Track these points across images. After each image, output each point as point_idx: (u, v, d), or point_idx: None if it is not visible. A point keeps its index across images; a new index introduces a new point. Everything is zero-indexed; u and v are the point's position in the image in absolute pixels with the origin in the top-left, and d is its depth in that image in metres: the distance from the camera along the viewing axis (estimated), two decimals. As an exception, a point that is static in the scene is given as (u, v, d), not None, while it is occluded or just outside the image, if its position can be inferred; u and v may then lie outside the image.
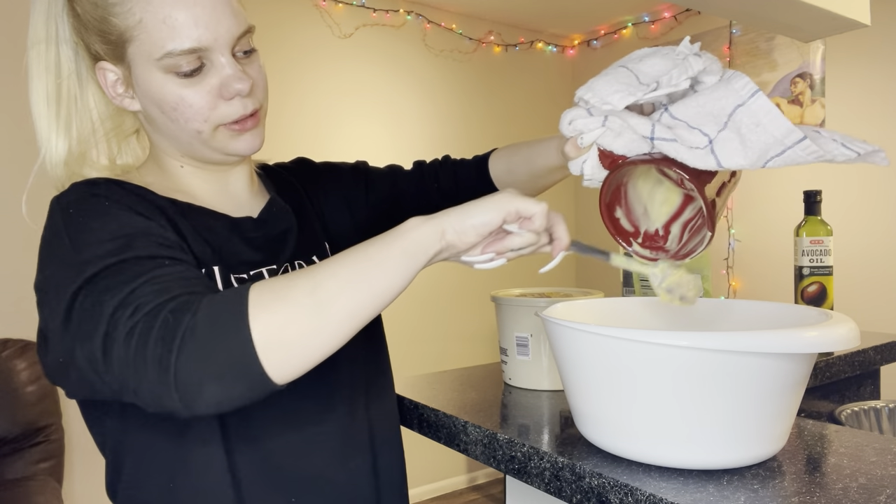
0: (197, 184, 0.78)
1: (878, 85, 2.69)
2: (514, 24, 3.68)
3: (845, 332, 0.61)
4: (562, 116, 0.75)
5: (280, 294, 0.54)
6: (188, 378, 0.52)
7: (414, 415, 1.00)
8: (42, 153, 0.72)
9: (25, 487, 1.88)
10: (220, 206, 0.78)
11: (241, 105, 0.71)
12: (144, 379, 0.53)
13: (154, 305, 0.55)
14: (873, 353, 1.34)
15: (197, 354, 0.52)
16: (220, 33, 0.68)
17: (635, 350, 0.64)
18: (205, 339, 0.53)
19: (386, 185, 0.96)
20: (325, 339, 0.55)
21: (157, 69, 0.68)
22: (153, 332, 0.53)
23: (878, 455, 0.70)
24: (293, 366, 0.54)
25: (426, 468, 3.36)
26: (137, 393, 0.55)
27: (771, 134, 0.65)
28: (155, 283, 0.57)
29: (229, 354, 0.52)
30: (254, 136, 0.74)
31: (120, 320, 0.55)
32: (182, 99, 0.69)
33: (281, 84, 2.93)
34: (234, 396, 0.54)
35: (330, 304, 0.55)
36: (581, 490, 0.70)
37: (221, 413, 0.57)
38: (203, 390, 0.53)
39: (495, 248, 0.64)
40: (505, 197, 0.61)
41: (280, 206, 0.83)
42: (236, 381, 0.53)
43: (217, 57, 0.69)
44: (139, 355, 0.53)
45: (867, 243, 2.74)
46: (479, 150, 3.93)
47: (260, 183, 0.86)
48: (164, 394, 0.53)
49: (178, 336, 0.53)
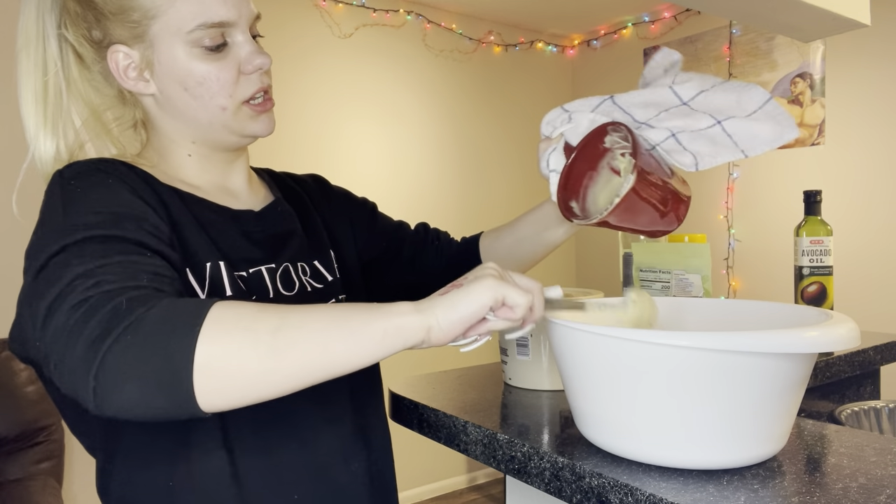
0: (199, 175, 0.78)
1: (878, 85, 2.69)
2: (514, 24, 3.68)
3: (845, 332, 0.61)
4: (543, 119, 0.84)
5: (242, 321, 0.52)
6: (112, 370, 0.49)
7: (414, 415, 1.00)
8: (31, 151, 0.72)
9: (25, 487, 1.88)
10: (218, 197, 0.78)
11: (260, 80, 0.75)
12: (70, 354, 0.50)
13: (116, 287, 0.53)
14: (873, 353, 1.34)
15: (132, 350, 0.49)
16: (242, 10, 0.73)
17: (635, 350, 0.64)
18: (147, 337, 0.50)
19: (390, 225, 0.99)
20: (267, 384, 0.52)
21: (183, 44, 0.70)
22: (101, 312, 0.51)
23: (878, 455, 0.70)
24: (224, 398, 0.51)
25: (426, 468, 3.35)
26: (58, 368, 0.52)
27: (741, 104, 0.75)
28: (128, 266, 0.56)
29: (164, 362, 0.49)
30: (269, 118, 0.78)
31: (77, 288, 0.53)
32: (209, 73, 0.72)
33: (281, 84, 2.93)
34: (151, 406, 0.50)
35: (286, 352, 0.51)
36: (581, 490, 0.69)
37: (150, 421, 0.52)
38: (122, 389, 0.49)
39: (477, 331, 0.60)
40: (492, 285, 0.58)
41: (284, 208, 0.83)
42: (160, 393, 0.49)
43: (238, 34, 0.73)
44: (76, 329, 0.51)
45: (867, 243, 2.74)
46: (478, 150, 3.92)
47: (262, 183, 0.87)
48: (81, 378, 0.50)
49: (122, 324, 0.50)
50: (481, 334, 0.61)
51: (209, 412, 0.52)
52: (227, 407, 0.52)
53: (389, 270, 0.97)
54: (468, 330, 0.60)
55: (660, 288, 1.21)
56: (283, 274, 0.77)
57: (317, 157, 3.01)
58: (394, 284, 0.98)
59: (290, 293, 0.77)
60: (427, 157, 3.39)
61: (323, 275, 0.83)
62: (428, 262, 0.99)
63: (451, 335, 0.58)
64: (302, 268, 0.80)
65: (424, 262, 0.99)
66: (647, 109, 0.78)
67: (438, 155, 3.43)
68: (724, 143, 0.75)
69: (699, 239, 1.23)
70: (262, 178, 0.88)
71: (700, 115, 0.75)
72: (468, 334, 0.60)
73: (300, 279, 0.79)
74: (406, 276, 0.98)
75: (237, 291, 0.71)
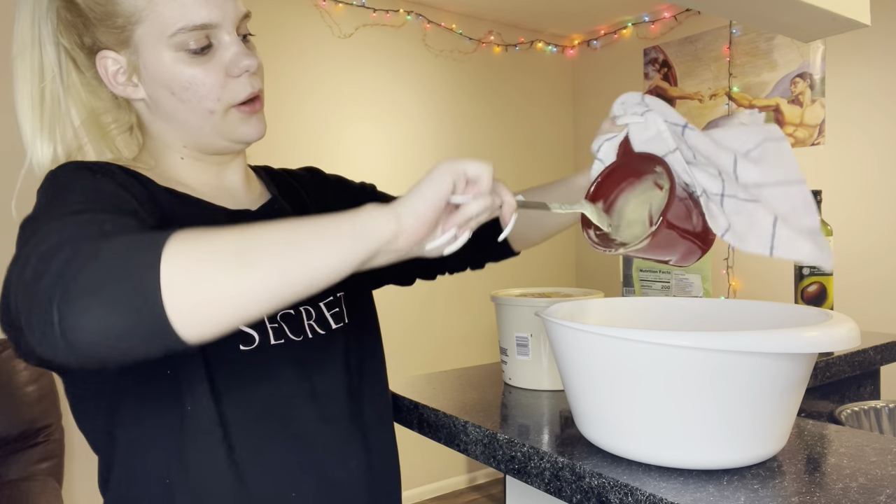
0: (194, 176, 0.78)
1: (878, 85, 2.69)
2: (514, 24, 3.68)
3: (845, 332, 0.61)
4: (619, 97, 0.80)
5: (206, 236, 0.50)
6: (78, 294, 0.46)
7: (414, 415, 0.99)
8: (28, 156, 0.72)
9: (25, 487, 1.88)
10: (216, 199, 0.78)
11: (249, 83, 0.73)
12: (37, 291, 0.47)
13: (94, 224, 0.52)
14: (873, 353, 1.34)
15: (96, 270, 0.46)
16: (227, 11, 0.71)
17: (635, 350, 0.64)
18: (110, 258, 0.47)
19: None
20: (240, 298, 0.49)
21: (167, 49, 0.70)
22: (67, 247, 0.49)
23: (878, 455, 0.70)
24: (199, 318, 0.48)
25: (426, 468, 3.35)
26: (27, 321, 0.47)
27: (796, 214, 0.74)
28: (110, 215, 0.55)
29: (131, 279, 0.46)
30: (259, 121, 0.76)
31: (53, 231, 0.51)
32: (194, 77, 0.70)
33: (281, 84, 2.93)
34: (122, 330, 0.46)
35: (255, 260, 0.49)
36: (581, 490, 0.69)
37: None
38: (87, 310, 0.46)
39: (454, 222, 0.59)
40: (448, 164, 0.58)
41: (281, 206, 0.83)
42: (130, 313, 0.46)
43: (223, 35, 0.71)
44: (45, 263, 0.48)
45: (867, 243, 2.74)
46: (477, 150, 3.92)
47: (259, 181, 0.87)
48: (44, 311, 0.46)
49: (89, 253, 0.48)
50: (459, 226, 0.60)
51: (189, 341, 0.49)
52: (206, 333, 0.49)
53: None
54: (445, 224, 0.59)
55: (660, 288, 1.21)
56: None
57: (317, 157, 3.01)
58: (406, 270, 0.97)
59: None
60: (427, 156, 3.39)
61: None
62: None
63: (425, 221, 0.56)
64: None
65: None
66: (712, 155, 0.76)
67: (438, 155, 3.43)
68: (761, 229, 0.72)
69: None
70: (260, 176, 0.88)
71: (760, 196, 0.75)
72: (447, 227, 0.59)
73: None
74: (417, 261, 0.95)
75: None
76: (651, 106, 0.78)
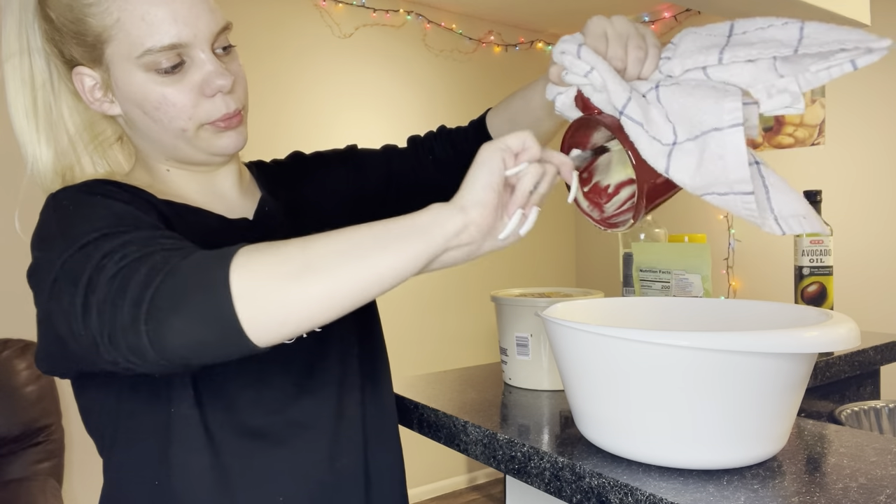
0: (186, 185, 0.77)
1: (878, 85, 2.68)
2: (514, 24, 3.68)
3: (845, 332, 0.61)
4: (559, 41, 0.72)
5: (270, 248, 0.53)
6: (159, 314, 0.51)
7: (414, 415, 1.00)
8: (29, 167, 0.72)
9: (25, 487, 1.88)
10: (212, 207, 0.77)
11: (224, 103, 0.71)
12: (118, 318, 0.52)
13: (145, 252, 0.54)
14: (873, 353, 1.34)
15: (173, 291, 0.51)
16: (199, 28, 0.67)
17: (635, 350, 0.64)
18: (185, 277, 0.51)
19: (378, 165, 0.94)
20: (308, 303, 0.52)
21: (136, 68, 0.67)
22: (139, 273, 0.52)
23: (878, 455, 0.70)
24: (270, 324, 0.51)
25: (426, 468, 3.36)
26: (111, 339, 0.53)
27: (726, 173, 0.62)
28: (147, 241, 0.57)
29: (205, 293, 0.51)
30: (238, 134, 0.74)
31: (107, 265, 0.54)
32: (164, 97, 0.68)
33: (281, 84, 2.93)
34: (204, 341, 0.52)
35: (320, 267, 0.52)
36: (581, 490, 0.69)
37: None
38: (170, 327, 0.51)
39: (516, 202, 0.58)
40: (488, 145, 0.57)
41: (271, 205, 0.82)
42: (207, 324, 0.51)
43: (197, 53, 0.68)
44: (119, 294, 0.52)
45: (867, 243, 2.74)
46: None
47: (252, 180, 0.86)
48: (133, 331, 0.51)
49: (161, 273, 0.51)
50: (525, 207, 0.58)
51: (262, 345, 0.52)
52: (277, 338, 0.52)
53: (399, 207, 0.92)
54: (508, 206, 0.57)
55: (660, 288, 1.21)
56: None
57: (317, 157, 3.01)
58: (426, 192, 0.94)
59: None
60: (427, 157, 3.39)
61: None
62: (432, 181, 0.94)
63: (489, 210, 0.55)
64: None
65: (429, 183, 0.94)
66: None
67: (438, 155, 3.43)
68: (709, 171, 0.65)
69: (699, 239, 1.23)
70: (252, 174, 0.87)
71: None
72: (511, 210, 0.58)
73: None
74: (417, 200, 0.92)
75: None
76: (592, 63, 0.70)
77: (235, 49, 0.74)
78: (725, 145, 0.62)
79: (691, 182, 0.64)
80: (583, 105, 0.73)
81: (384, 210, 0.93)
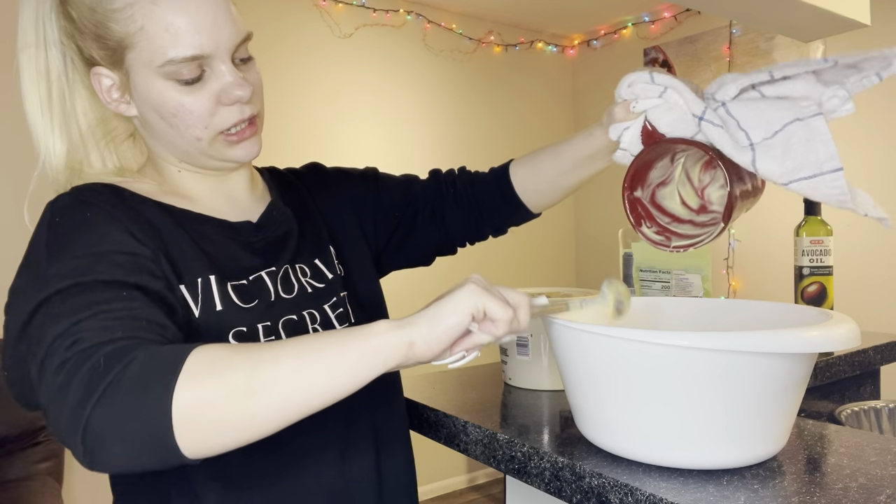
0: (195, 187, 0.77)
1: (878, 85, 2.68)
2: (514, 24, 3.68)
3: (845, 332, 0.61)
4: (622, 79, 0.76)
5: (217, 368, 0.52)
6: (96, 434, 0.51)
7: (414, 415, 1.00)
8: (41, 159, 0.72)
9: (25, 487, 1.88)
10: (219, 209, 0.77)
11: (240, 111, 0.71)
12: (60, 417, 0.52)
13: (91, 344, 0.54)
14: (873, 353, 1.34)
15: (112, 412, 0.51)
16: (221, 41, 0.68)
17: (635, 350, 0.64)
18: (125, 398, 0.51)
19: (398, 191, 0.95)
20: (246, 426, 0.52)
21: (157, 76, 0.68)
22: (80, 374, 0.52)
23: (878, 455, 0.70)
24: (208, 445, 0.52)
25: (426, 468, 3.35)
26: (53, 428, 0.54)
27: (815, 153, 0.66)
28: (103, 318, 0.56)
29: (144, 422, 0.50)
30: (251, 144, 0.74)
31: (57, 351, 0.54)
32: (182, 106, 0.69)
33: (280, 84, 2.93)
34: (140, 463, 0.52)
35: (263, 391, 0.52)
36: (581, 490, 0.69)
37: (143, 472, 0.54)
38: (109, 451, 0.51)
39: (464, 346, 0.59)
40: (473, 293, 0.57)
41: (280, 210, 0.82)
42: (144, 450, 0.51)
43: (217, 64, 0.68)
44: (62, 393, 0.52)
45: (867, 243, 2.74)
46: (478, 151, 3.91)
47: (264, 185, 0.86)
48: (71, 440, 0.52)
49: (100, 387, 0.51)
50: (468, 349, 0.59)
51: (197, 459, 0.53)
52: (213, 453, 0.53)
53: (412, 237, 0.94)
54: (454, 345, 0.59)
55: (660, 288, 1.21)
56: (283, 277, 0.77)
57: (316, 157, 2.99)
58: (423, 247, 0.95)
59: (290, 296, 0.76)
60: (427, 157, 3.39)
61: (323, 273, 0.82)
62: (450, 215, 0.94)
63: (436, 350, 0.56)
64: (301, 269, 0.80)
65: (446, 218, 0.94)
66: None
67: (438, 155, 3.43)
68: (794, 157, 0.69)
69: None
70: (264, 178, 0.88)
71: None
72: (454, 349, 0.59)
73: (299, 281, 0.79)
74: (432, 237, 0.95)
75: (228, 305, 0.70)
76: (666, 83, 0.75)
77: (254, 59, 0.74)
78: (812, 130, 0.67)
79: (780, 168, 0.68)
80: (647, 136, 0.77)
81: (396, 234, 0.93)
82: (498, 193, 0.93)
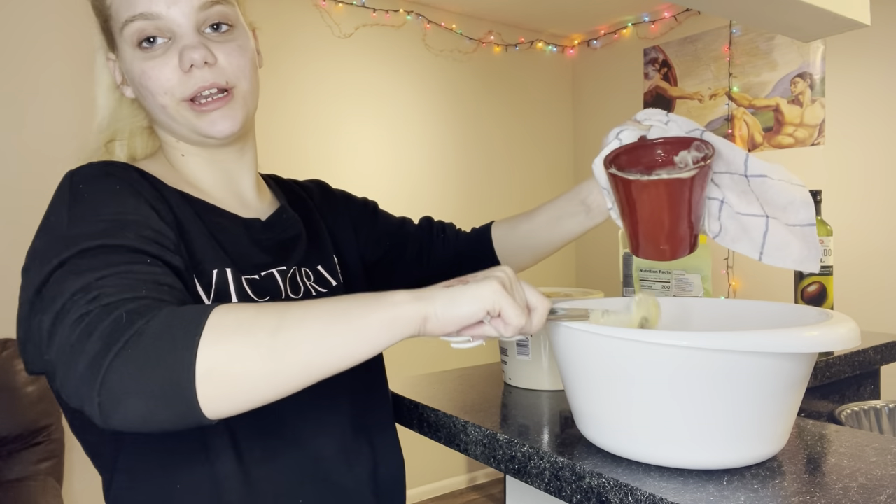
0: (200, 172, 0.78)
1: (878, 85, 2.68)
2: (514, 24, 3.68)
3: (845, 332, 0.61)
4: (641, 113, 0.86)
5: (242, 325, 0.51)
6: (115, 385, 0.49)
7: (414, 415, 1.00)
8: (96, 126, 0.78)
9: (25, 487, 1.88)
10: (228, 204, 0.78)
11: (201, 77, 0.70)
12: (74, 371, 0.50)
13: (115, 300, 0.53)
14: (873, 353, 1.34)
15: (134, 363, 0.49)
16: (176, 2, 0.69)
17: (635, 350, 0.64)
18: (147, 350, 0.49)
19: (394, 225, 0.99)
20: (271, 385, 0.52)
21: (127, 45, 0.71)
22: (101, 326, 0.51)
23: (878, 455, 0.70)
24: (229, 404, 0.51)
25: (426, 468, 3.36)
26: (64, 384, 0.52)
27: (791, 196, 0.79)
28: (126, 276, 0.56)
29: (166, 373, 0.49)
30: (224, 118, 0.73)
31: (77, 303, 0.53)
32: (144, 72, 0.70)
33: (280, 84, 2.93)
34: (156, 418, 0.50)
35: (287, 351, 0.51)
36: (581, 490, 0.69)
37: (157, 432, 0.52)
38: (126, 404, 0.49)
39: (471, 332, 0.60)
40: (496, 292, 0.57)
41: (290, 215, 0.83)
42: (164, 403, 0.49)
43: (175, 28, 0.70)
44: (78, 345, 0.51)
45: (867, 243, 2.74)
46: (478, 150, 3.91)
47: (269, 191, 0.87)
48: (86, 394, 0.50)
49: (122, 338, 0.50)
50: (475, 336, 0.60)
51: (215, 419, 0.51)
52: (232, 412, 0.52)
53: (396, 269, 0.97)
54: (463, 329, 0.59)
55: (660, 288, 1.21)
56: (291, 278, 0.77)
57: (316, 157, 3.01)
58: (401, 282, 0.97)
59: (296, 297, 0.77)
60: (427, 157, 3.39)
61: (327, 280, 0.83)
62: (435, 256, 0.99)
63: (446, 329, 0.57)
64: (307, 273, 0.80)
65: (431, 256, 0.99)
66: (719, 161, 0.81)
67: (438, 155, 3.43)
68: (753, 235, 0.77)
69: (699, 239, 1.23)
70: (269, 185, 0.89)
71: (753, 198, 0.78)
72: (462, 333, 0.60)
73: (305, 284, 0.79)
74: (413, 272, 0.98)
75: (243, 298, 0.71)
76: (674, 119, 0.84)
77: (240, 31, 0.74)
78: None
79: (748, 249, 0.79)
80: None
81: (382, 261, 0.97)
82: (479, 250, 0.99)
